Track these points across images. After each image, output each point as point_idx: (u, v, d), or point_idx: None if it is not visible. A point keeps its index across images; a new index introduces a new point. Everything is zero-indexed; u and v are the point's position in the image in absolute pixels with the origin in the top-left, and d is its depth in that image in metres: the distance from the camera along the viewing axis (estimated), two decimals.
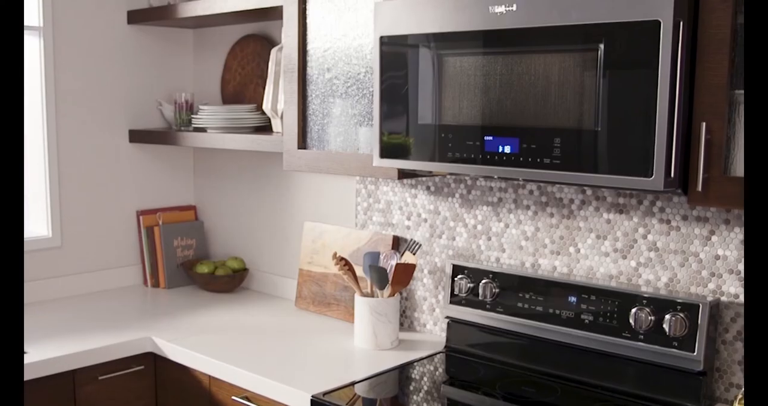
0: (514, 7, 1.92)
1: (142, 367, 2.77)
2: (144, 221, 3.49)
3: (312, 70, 2.60)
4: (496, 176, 2.03)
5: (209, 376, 2.57)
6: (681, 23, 1.69)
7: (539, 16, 1.88)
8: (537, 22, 1.89)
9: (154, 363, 2.80)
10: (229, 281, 3.36)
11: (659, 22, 1.69)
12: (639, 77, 1.75)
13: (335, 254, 2.67)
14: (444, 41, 2.10)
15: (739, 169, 1.75)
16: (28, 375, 2.47)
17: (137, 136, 3.44)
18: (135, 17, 3.38)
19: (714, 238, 2.12)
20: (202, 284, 3.40)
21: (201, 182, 3.68)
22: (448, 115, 2.10)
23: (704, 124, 1.73)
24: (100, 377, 2.68)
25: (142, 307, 3.21)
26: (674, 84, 1.71)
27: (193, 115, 3.25)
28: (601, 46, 1.80)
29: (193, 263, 3.49)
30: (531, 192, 2.47)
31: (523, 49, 1.94)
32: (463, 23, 2.03)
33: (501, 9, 1.95)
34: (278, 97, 2.94)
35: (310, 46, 2.60)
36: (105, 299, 3.26)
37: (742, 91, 1.73)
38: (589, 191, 2.34)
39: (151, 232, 3.48)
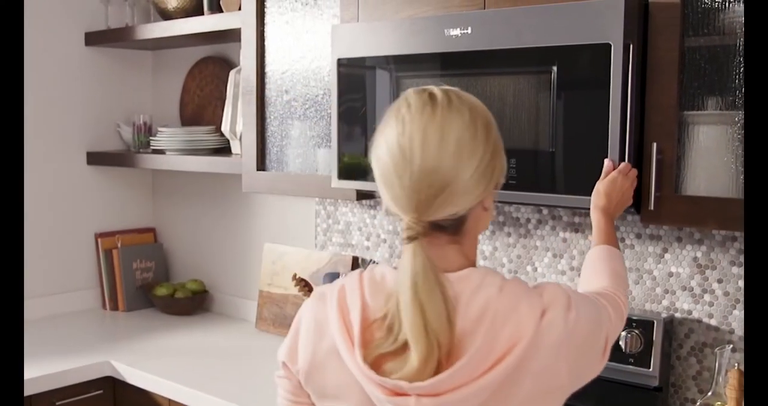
0: (469, 30, 1.95)
1: (100, 391, 2.75)
2: (102, 244, 3.46)
3: (270, 92, 2.61)
4: None
5: (169, 399, 2.56)
6: (631, 46, 1.73)
7: (494, 39, 1.92)
8: (492, 44, 1.92)
9: (113, 387, 2.77)
10: (189, 303, 3.34)
11: (610, 45, 1.73)
12: (591, 99, 1.79)
13: (295, 275, 2.67)
14: (401, 64, 2.12)
15: (689, 188, 1.79)
16: None
17: (95, 159, 3.42)
18: (93, 39, 3.37)
19: (667, 255, 2.16)
20: (162, 307, 3.38)
21: (160, 204, 3.66)
22: None
23: (655, 144, 1.77)
24: (58, 403, 2.65)
25: (100, 330, 3.18)
26: (625, 105, 1.74)
27: (151, 137, 3.25)
28: (555, 68, 1.83)
29: (153, 285, 3.46)
30: None
31: (479, 72, 1.97)
32: (420, 46, 2.06)
33: (456, 32, 1.97)
34: (237, 119, 2.95)
35: (268, 68, 2.62)
36: (63, 323, 3.23)
37: (692, 112, 1.77)
38: (545, 211, 2.37)
39: (109, 254, 3.45)
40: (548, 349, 1.24)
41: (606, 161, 1.76)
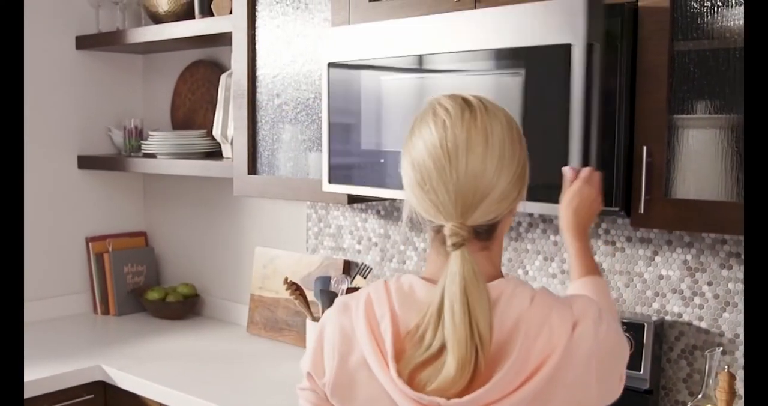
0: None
1: (92, 396, 2.74)
2: (93, 248, 3.46)
3: (261, 95, 2.61)
4: None
5: (160, 403, 2.55)
6: (594, 46, 1.69)
7: (469, 40, 1.90)
8: (465, 46, 1.91)
9: (104, 392, 2.77)
10: (180, 307, 3.34)
11: (570, 46, 1.70)
12: (555, 101, 1.76)
13: (286, 279, 2.67)
14: (382, 66, 2.12)
15: (679, 191, 1.79)
16: None
17: (86, 163, 3.42)
18: (84, 43, 3.37)
19: (657, 258, 2.16)
20: (153, 311, 3.38)
21: (151, 208, 3.66)
22: (388, 140, 2.11)
23: (645, 147, 1.77)
24: None
25: (91, 335, 3.18)
26: (589, 108, 1.71)
27: (142, 141, 3.25)
28: (523, 70, 1.82)
29: (144, 289, 3.46)
30: None
31: (455, 73, 1.96)
32: (398, 49, 2.05)
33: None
34: (228, 123, 2.95)
35: (259, 72, 2.62)
36: (54, 327, 3.22)
37: (682, 116, 1.78)
38: (536, 214, 2.38)
39: (100, 258, 3.45)
40: (580, 360, 1.24)
41: (565, 170, 1.70)
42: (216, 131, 3.01)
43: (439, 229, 1.27)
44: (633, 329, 2.10)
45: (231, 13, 2.70)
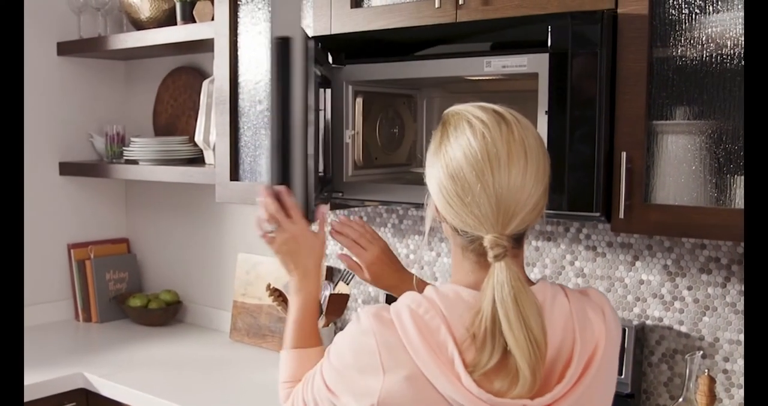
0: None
1: (73, 404, 2.73)
2: (75, 255, 3.44)
3: (243, 102, 2.61)
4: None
5: None
6: (310, 40, 1.60)
7: None
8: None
9: (86, 399, 2.75)
10: (163, 314, 3.33)
11: (289, 39, 1.61)
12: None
13: (269, 285, 2.67)
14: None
15: (658, 196, 1.81)
16: None
17: (68, 169, 3.40)
18: (65, 49, 3.36)
19: (638, 263, 2.18)
20: (135, 318, 3.36)
21: (133, 215, 3.65)
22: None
23: (624, 153, 1.78)
24: None
25: (73, 342, 3.16)
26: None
27: (124, 148, 3.24)
28: None
29: (126, 296, 3.44)
30: None
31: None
32: None
33: None
34: (210, 129, 2.95)
35: (241, 79, 2.62)
36: (35, 335, 3.20)
37: (661, 122, 1.79)
38: None
39: (82, 265, 3.43)
40: (614, 343, 1.36)
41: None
42: (198, 138, 3.01)
43: (474, 239, 1.28)
44: None
45: (213, 19, 2.71)
